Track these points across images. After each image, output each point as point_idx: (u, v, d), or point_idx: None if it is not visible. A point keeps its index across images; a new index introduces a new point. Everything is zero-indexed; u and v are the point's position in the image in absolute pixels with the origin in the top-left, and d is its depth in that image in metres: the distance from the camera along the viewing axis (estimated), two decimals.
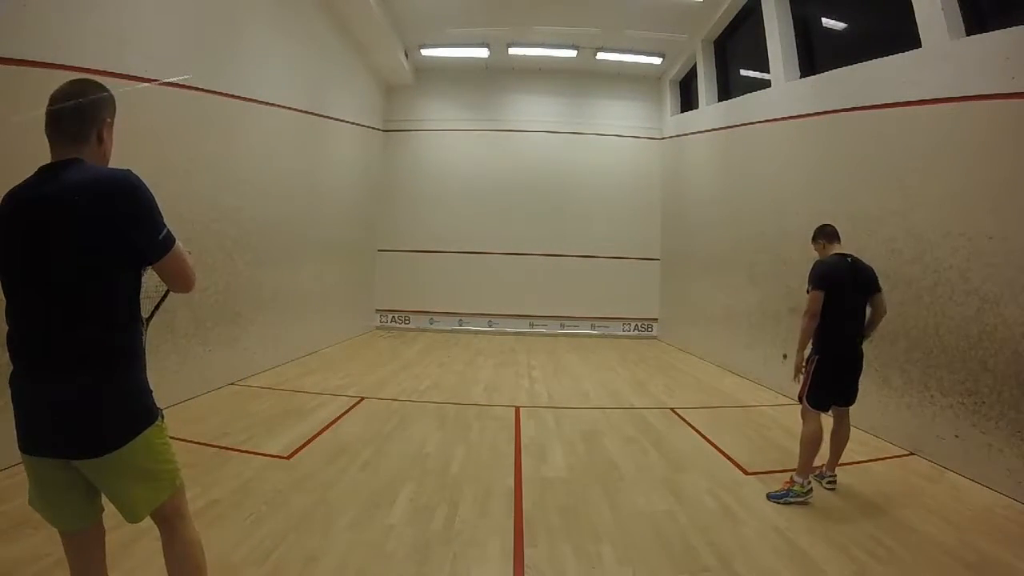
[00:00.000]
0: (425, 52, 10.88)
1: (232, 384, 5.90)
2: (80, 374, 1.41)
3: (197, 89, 5.23)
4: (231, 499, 3.17)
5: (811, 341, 3.54)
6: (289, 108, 7.27)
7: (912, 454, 4.35)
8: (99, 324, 1.44)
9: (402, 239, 11.66)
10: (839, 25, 6.82)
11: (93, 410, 1.41)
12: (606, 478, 3.75)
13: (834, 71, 5.92)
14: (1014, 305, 3.66)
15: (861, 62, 5.42)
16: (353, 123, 9.93)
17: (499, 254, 11.59)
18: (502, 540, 2.83)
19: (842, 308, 3.44)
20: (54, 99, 1.49)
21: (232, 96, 5.87)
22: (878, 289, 3.58)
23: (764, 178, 7.32)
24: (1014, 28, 3.80)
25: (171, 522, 1.60)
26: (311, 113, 8.04)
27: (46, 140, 1.52)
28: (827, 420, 3.65)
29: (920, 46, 4.61)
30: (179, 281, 1.61)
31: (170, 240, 1.53)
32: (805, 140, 6.38)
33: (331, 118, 8.85)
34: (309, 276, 8.04)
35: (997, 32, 3.96)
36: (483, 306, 11.47)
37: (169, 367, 4.93)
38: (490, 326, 11.46)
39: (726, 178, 8.69)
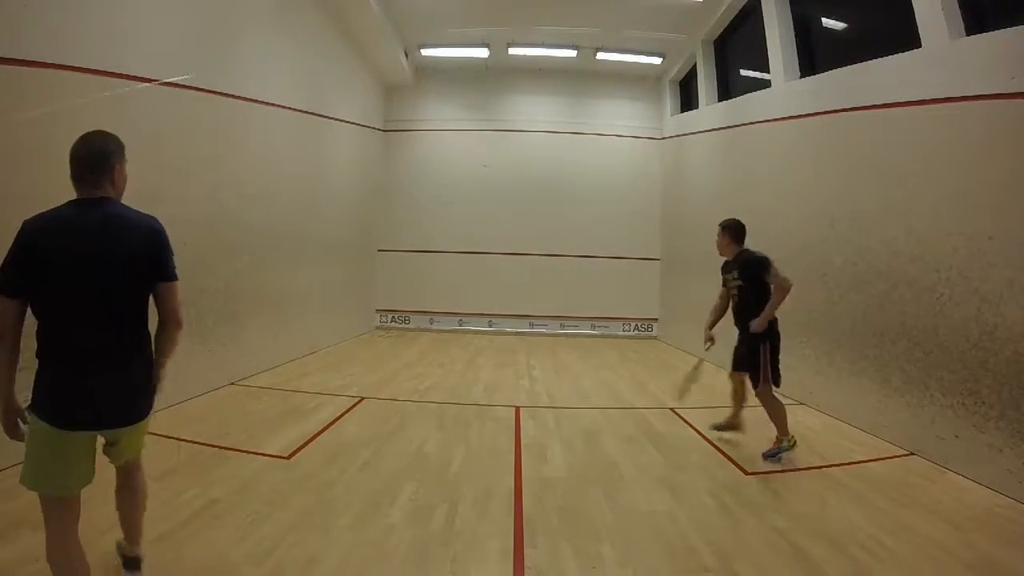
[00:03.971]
0: (425, 52, 10.87)
1: (232, 384, 5.89)
2: (126, 366, 1.89)
3: (197, 89, 5.23)
4: (231, 499, 3.17)
5: (758, 331, 4.05)
6: (289, 108, 7.26)
7: (912, 454, 4.35)
8: (136, 327, 1.94)
9: (402, 239, 11.65)
10: (839, 25, 6.82)
11: (136, 393, 1.94)
12: (606, 478, 3.75)
13: (834, 71, 5.92)
14: (1014, 305, 3.65)
15: (861, 62, 5.41)
16: (353, 123, 9.93)
17: (499, 254, 11.58)
18: (502, 540, 2.83)
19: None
20: (74, 154, 1.87)
21: (232, 96, 5.87)
22: None
23: (764, 178, 7.32)
24: (1014, 28, 3.80)
25: (136, 464, 2.19)
26: (311, 113, 8.03)
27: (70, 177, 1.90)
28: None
29: (920, 46, 4.61)
30: (173, 306, 2.01)
31: (175, 275, 2.01)
32: (805, 140, 6.38)
33: (331, 118, 8.85)
34: (309, 276, 8.04)
35: (997, 32, 3.96)
36: (483, 306, 11.47)
37: (169, 367, 4.92)
38: (490, 326, 11.46)
39: (726, 178, 8.69)
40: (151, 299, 1.98)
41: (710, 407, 5.87)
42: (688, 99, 10.92)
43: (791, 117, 6.65)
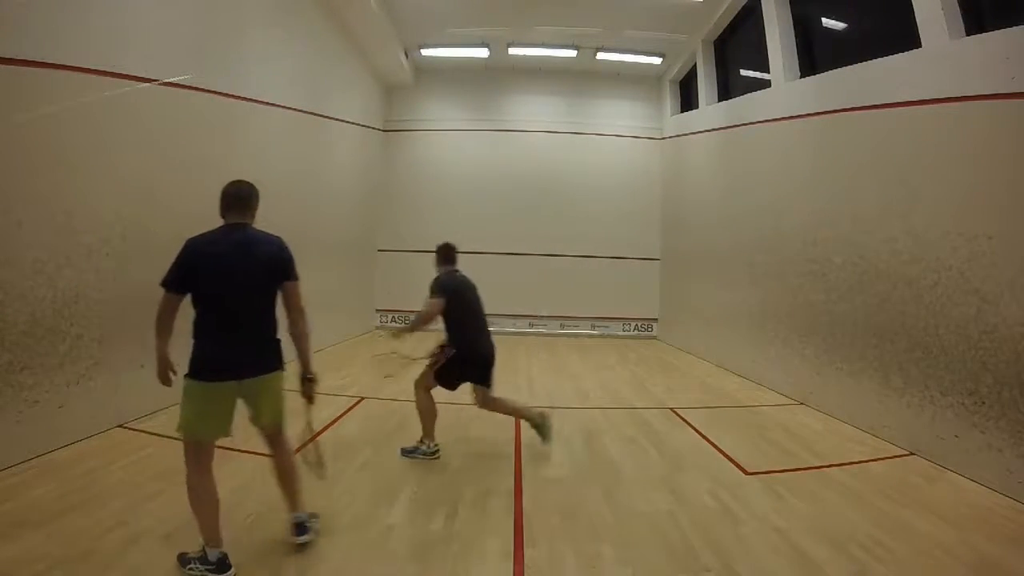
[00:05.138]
0: (425, 52, 10.88)
1: None
2: (257, 339, 2.58)
3: (197, 89, 5.23)
4: (231, 499, 3.16)
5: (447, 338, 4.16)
6: (289, 108, 7.27)
7: (912, 454, 4.35)
8: (265, 313, 2.60)
9: (402, 239, 11.65)
10: (839, 25, 6.82)
11: (261, 355, 2.58)
12: (606, 478, 3.75)
13: (834, 71, 5.92)
14: (1014, 305, 3.66)
15: (861, 62, 5.42)
16: (353, 123, 9.93)
17: (499, 254, 11.57)
18: (502, 540, 2.83)
19: (470, 314, 4.31)
20: (229, 193, 2.62)
21: (232, 96, 5.87)
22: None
23: (764, 178, 7.32)
24: (1014, 28, 3.80)
25: (280, 438, 2.73)
26: (311, 113, 8.04)
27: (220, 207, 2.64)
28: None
29: (920, 46, 4.61)
30: (295, 305, 2.69)
31: (297, 276, 2.69)
32: (805, 140, 6.39)
33: (331, 118, 8.85)
34: (309, 276, 7.90)
35: (997, 32, 3.97)
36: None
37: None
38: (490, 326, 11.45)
39: (726, 178, 8.70)
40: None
41: (710, 407, 5.87)
42: (688, 99, 10.92)
43: (791, 117, 6.66)
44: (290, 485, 2.69)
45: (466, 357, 4.11)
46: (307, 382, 2.71)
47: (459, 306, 4.21)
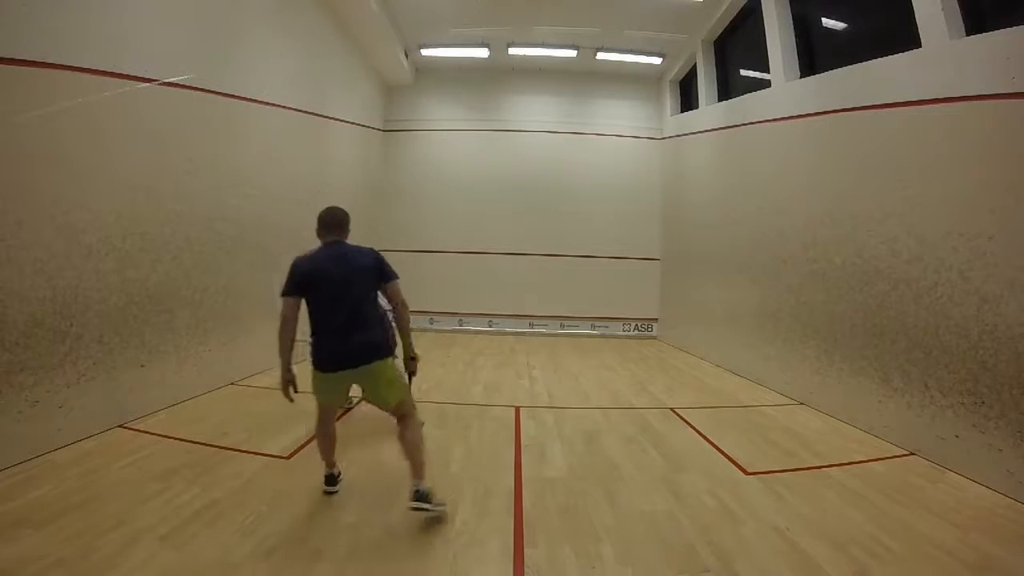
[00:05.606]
0: (425, 52, 10.88)
1: (232, 384, 5.89)
2: (360, 332, 2.97)
3: (197, 89, 5.23)
4: (231, 499, 3.17)
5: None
6: (289, 108, 7.26)
7: (912, 454, 4.35)
8: (369, 309, 3.03)
9: (402, 239, 11.65)
10: (839, 25, 6.82)
11: (366, 347, 2.98)
12: (606, 478, 3.75)
13: (834, 71, 5.92)
14: (1014, 305, 3.66)
15: (861, 62, 5.42)
16: (353, 123, 9.93)
17: (499, 254, 11.59)
18: (502, 540, 2.83)
19: None
20: (324, 218, 3.20)
21: (232, 96, 5.87)
22: None
23: (764, 178, 7.32)
24: (1014, 28, 3.80)
25: (403, 415, 3.09)
26: (311, 113, 8.03)
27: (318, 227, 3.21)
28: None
29: (920, 46, 4.61)
30: (398, 300, 3.14)
31: (395, 276, 3.15)
32: (805, 140, 6.39)
33: (331, 118, 8.85)
34: None
35: (997, 32, 3.96)
36: (483, 306, 11.48)
37: (169, 367, 4.94)
38: (490, 326, 11.46)
39: (726, 178, 8.70)
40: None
41: (710, 407, 5.87)
42: (688, 99, 10.92)
43: (791, 117, 6.66)
44: (412, 457, 3.01)
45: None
46: (411, 361, 3.26)
47: None
